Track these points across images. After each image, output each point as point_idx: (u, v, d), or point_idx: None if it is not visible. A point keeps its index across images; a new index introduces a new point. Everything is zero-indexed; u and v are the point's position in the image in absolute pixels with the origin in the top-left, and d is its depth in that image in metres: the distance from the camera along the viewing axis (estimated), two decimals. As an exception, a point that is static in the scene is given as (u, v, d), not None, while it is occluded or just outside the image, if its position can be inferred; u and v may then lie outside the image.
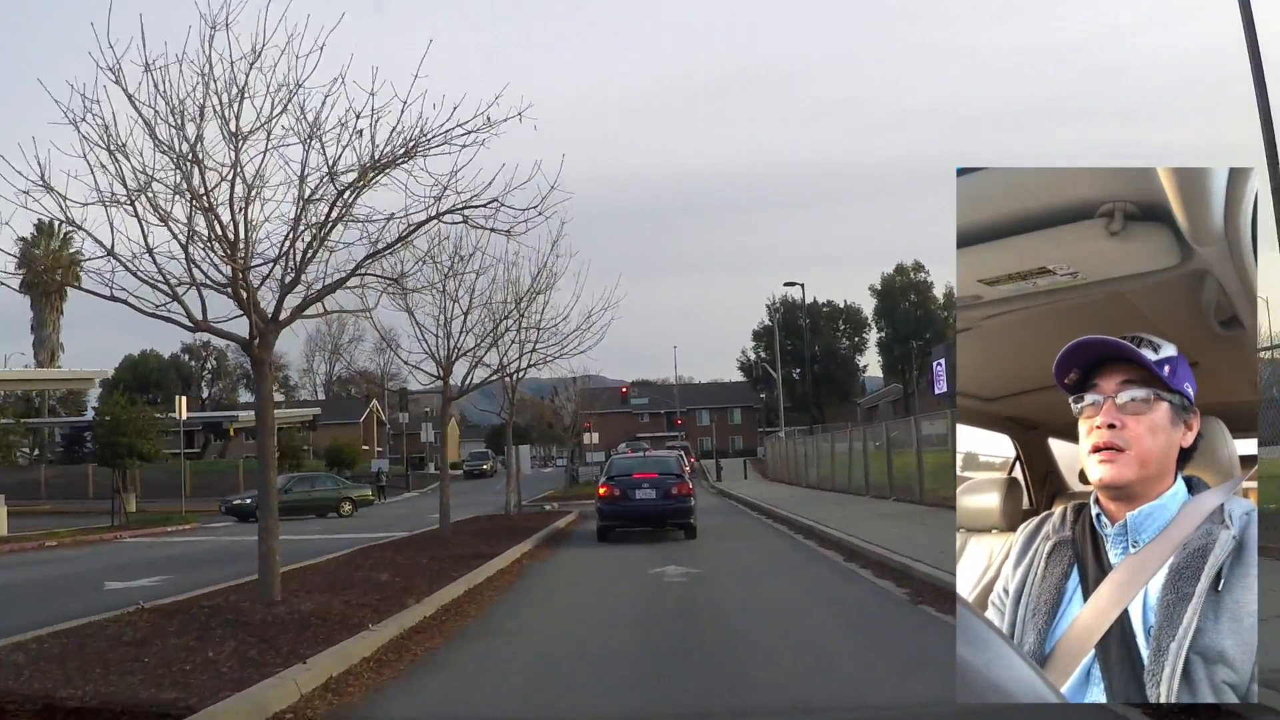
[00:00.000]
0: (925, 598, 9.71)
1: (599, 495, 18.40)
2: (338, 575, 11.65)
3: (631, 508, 17.86)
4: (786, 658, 7.35)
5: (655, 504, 17.79)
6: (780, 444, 49.52)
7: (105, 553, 20.40)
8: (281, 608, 8.58)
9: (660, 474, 18.34)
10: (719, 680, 6.55)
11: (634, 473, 18.45)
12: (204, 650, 6.91)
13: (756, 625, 8.91)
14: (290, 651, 6.86)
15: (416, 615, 9.02)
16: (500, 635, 8.80)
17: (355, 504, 34.21)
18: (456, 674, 7.16)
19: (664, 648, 7.91)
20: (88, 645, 7.18)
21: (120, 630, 7.78)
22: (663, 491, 17.80)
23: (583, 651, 7.98)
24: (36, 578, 15.56)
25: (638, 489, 17.84)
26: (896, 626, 8.70)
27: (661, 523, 18.11)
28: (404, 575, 11.48)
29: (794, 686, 6.46)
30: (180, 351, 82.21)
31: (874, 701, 6.16)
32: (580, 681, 6.90)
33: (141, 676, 6.16)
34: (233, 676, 6.12)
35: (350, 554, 15.07)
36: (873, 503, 23.85)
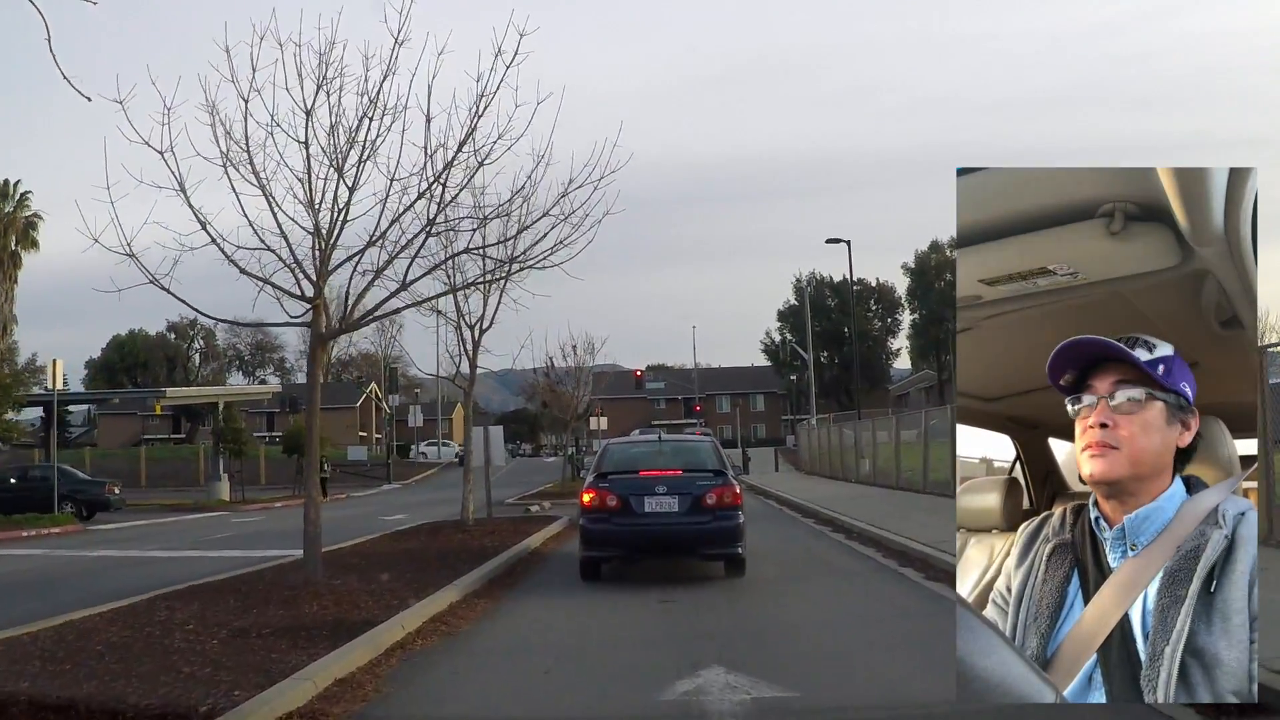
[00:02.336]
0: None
1: (583, 505, 12.02)
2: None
3: (637, 529, 11.52)
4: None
5: (679, 522, 11.47)
6: (816, 432, 45.73)
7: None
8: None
9: (686, 471, 11.97)
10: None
11: (642, 468, 12.13)
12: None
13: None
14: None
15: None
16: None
17: (85, 507, 28.66)
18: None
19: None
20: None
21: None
22: (691, 501, 11.48)
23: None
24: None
25: (649, 495, 11.52)
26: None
27: (689, 552, 11.97)
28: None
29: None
30: (166, 330, 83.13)
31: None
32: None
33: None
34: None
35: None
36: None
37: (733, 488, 11.84)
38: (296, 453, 41.06)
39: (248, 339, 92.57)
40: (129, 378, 78.16)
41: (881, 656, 7.73)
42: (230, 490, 38.07)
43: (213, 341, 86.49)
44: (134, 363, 77.67)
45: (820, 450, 42.25)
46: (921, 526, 15.62)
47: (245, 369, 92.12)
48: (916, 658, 7.44)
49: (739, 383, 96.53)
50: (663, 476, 11.81)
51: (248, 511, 32.65)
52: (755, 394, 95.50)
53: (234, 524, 26.64)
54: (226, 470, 39.03)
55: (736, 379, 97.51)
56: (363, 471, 55.15)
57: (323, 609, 9.10)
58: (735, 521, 11.59)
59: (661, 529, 11.54)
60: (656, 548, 11.90)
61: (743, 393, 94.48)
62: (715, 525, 11.51)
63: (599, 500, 11.72)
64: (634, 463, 12.54)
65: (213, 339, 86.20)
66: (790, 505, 24.84)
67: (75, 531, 25.04)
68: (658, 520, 11.51)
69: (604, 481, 11.95)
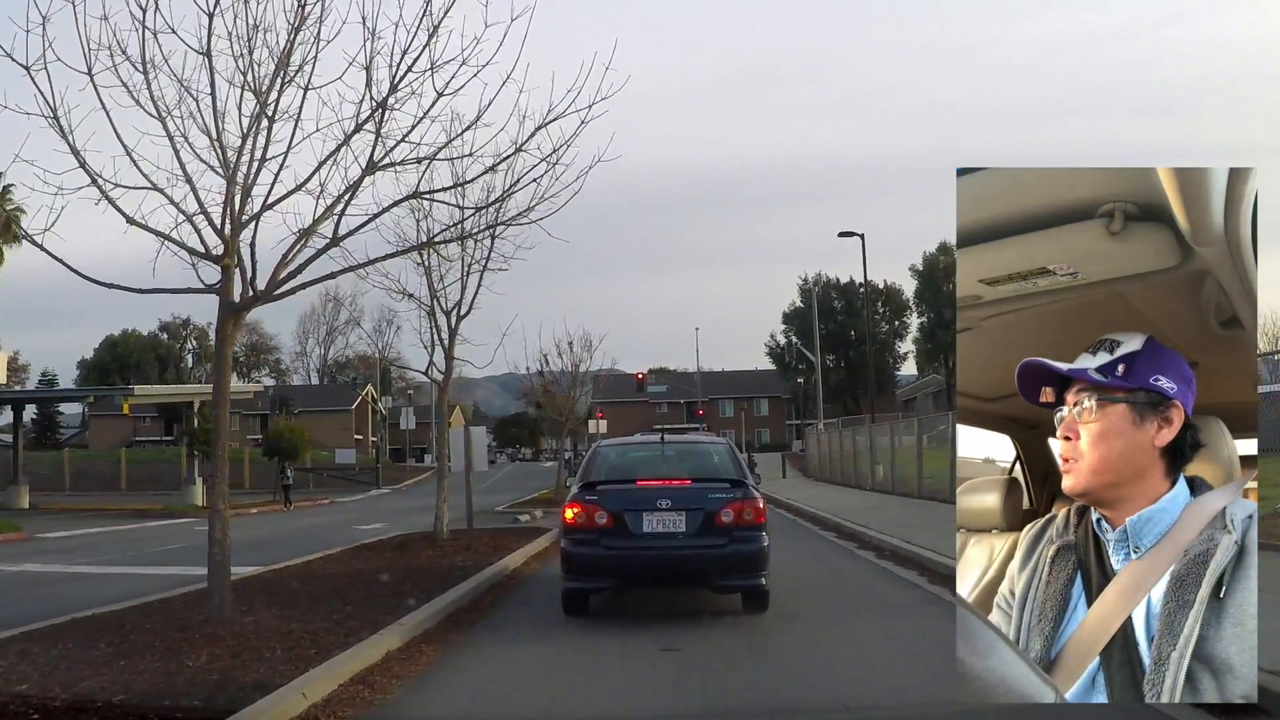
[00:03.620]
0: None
1: (565, 523, 9.89)
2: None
3: (634, 554, 9.40)
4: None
5: (687, 546, 9.35)
6: (825, 437, 44.94)
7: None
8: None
9: (697, 480, 9.94)
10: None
11: (641, 477, 10.11)
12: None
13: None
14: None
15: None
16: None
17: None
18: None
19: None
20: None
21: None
22: (703, 519, 9.35)
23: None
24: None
25: (649, 511, 9.39)
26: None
27: (699, 583, 9.80)
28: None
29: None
30: (158, 330, 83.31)
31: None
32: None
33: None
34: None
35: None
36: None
37: (755, 501, 9.58)
38: (278, 455, 40.73)
39: (241, 340, 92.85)
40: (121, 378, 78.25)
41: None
42: (205, 495, 35.61)
43: (206, 342, 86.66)
44: (126, 363, 77.85)
45: (830, 456, 41.66)
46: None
47: (240, 370, 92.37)
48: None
49: (743, 386, 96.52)
50: (666, 487, 9.68)
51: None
52: (759, 398, 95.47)
53: (196, 532, 23.32)
54: (201, 474, 36.52)
55: (740, 382, 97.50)
56: (351, 476, 54.81)
57: (211, 660, 7.18)
58: (757, 545, 9.42)
59: (664, 554, 9.37)
60: (658, 577, 9.80)
61: (746, 396, 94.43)
62: (733, 550, 9.30)
63: (585, 517, 9.51)
64: (631, 470, 10.48)
65: (205, 339, 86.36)
66: (805, 515, 22.97)
67: (18, 540, 23.55)
68: (660, 543, 9.37)
69: (592, 493, 9.69)
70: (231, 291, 8.74)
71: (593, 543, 9.51)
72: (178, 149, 8.36)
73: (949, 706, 5.20)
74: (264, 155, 8.52)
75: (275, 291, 8.87)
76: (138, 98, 8.19)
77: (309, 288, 9.22)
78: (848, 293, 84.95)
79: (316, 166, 8.70)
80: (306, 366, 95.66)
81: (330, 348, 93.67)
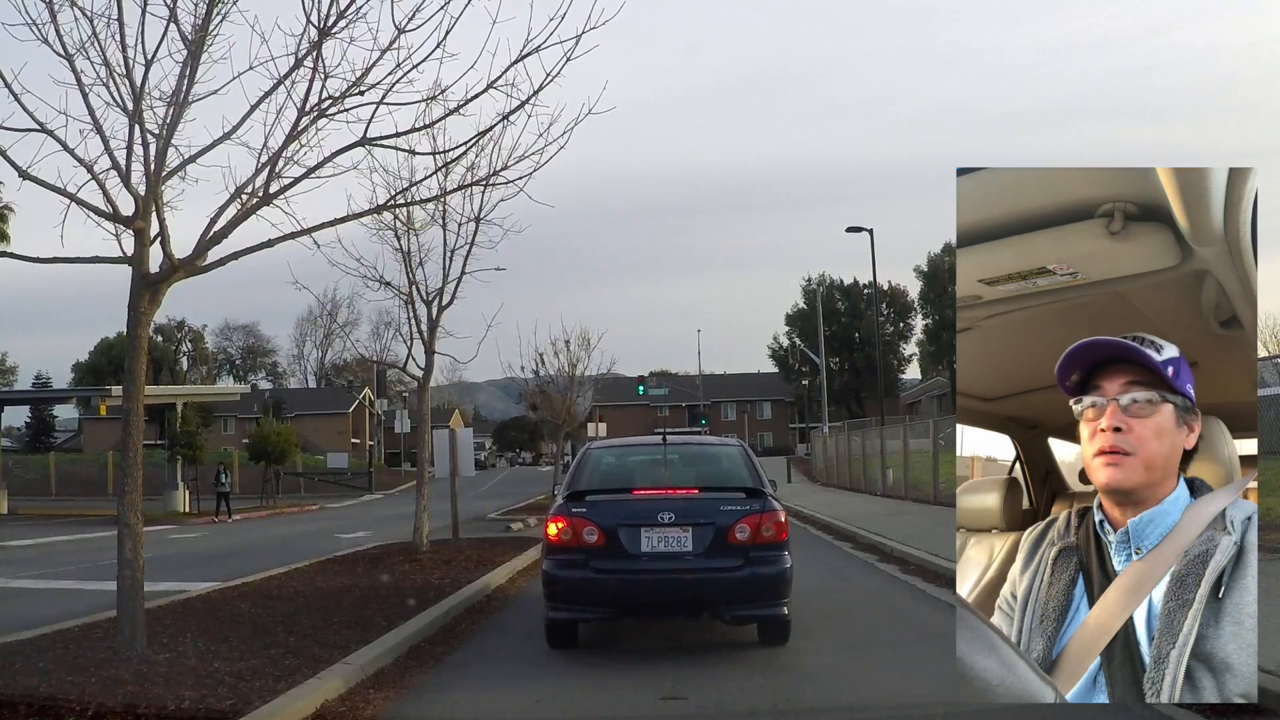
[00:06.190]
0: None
1: (547, 540, 8.41)
2: None
3: (630, 578, 7.99)
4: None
5: (695, 569, 7.92)
6: (831, 441, 44.24)
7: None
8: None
9: (706, 490, 8.50)
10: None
11: (639, 485, 8.77)
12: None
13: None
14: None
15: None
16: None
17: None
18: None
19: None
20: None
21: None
22: (713, 535, 7.94)
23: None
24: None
25: (649, 527, 7.98)
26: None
27: (709, 611, 8.23)
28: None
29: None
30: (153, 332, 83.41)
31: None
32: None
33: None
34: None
35: None
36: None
37: (776, 514, 8.11)
38: (264, 459, 39.76)
39: (239, 342, 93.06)
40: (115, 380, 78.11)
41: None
42: (189, 500, 35.30)
43: (201, 345, 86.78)
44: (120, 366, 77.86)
45: (837, 460, 40.52)
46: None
47: (236, 373, 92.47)
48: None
49: (745, 389, 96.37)
50: (669, 498, 8.20)
51: (195, 526, 29.44)
52: (762, 401, 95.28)
53: (169, 541, 22.90)
54: (184, 478, 35.67)
55: (743, 386, 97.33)
56: (344, 480, 54.27)
57: (96, 718, 5.75)
58: (779, 567, 7.98)
59: (667, 579, 7.93)
60: (659, 606, 8.28)
61: (749, 400, 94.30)
62: (750, 573, 7.89)
63: (572, 533, 8.05)
64: (627, 476, 9.17)
65: (201, 342, 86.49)
66: (817, 524, 21.51)
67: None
68: (661, 565, 7.93)
69: (581, 505, 8.26)
70: (146, 261, 7.43)
71: (581, 565, 8.03)
72: (85, 91, 7.15)
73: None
74: (186, 96, 7.22)
75: (200, 262, 7.52)
76: (44, 33, 7.05)
77: (242, 257, 7.80)
78: (852, 294, 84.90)
79: (248, 111, 7.36)
80: (304, 369, 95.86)
81: (328, 350, 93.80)
